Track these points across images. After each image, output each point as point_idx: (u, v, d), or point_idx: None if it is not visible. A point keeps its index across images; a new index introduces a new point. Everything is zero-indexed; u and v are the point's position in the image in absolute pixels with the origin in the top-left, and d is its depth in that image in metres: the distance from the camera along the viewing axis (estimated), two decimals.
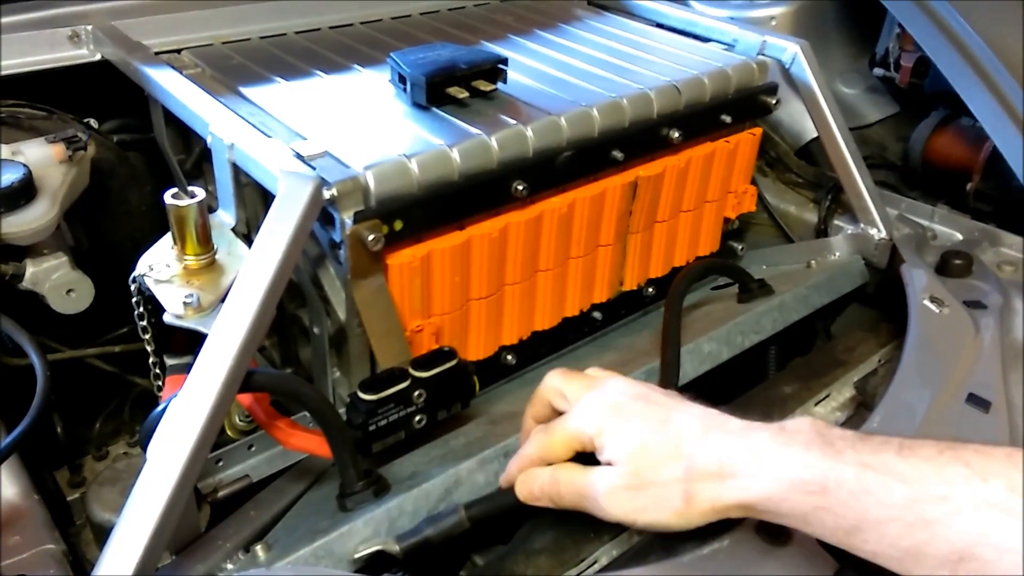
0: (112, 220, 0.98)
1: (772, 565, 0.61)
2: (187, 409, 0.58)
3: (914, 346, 0.82)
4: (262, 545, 0.67)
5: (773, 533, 0.62)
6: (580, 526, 0.69)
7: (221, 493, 0.79)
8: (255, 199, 0.89)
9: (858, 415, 0.82)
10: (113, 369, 0.95)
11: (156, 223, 1.06)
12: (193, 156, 1.03)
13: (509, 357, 0.95)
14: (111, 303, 0.90)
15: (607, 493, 0.63)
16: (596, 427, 0.65)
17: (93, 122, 1.02)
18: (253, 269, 0.64)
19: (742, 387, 0.98)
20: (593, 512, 0.64)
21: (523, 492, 0.68)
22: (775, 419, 0.80)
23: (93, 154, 0.89)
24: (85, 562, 0.74)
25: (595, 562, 0.67)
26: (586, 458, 0.66)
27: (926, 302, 0.88)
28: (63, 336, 0.97)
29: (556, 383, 0.72)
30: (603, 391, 0.68)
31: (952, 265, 0.98)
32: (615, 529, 0.70)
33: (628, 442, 0.63)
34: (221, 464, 0.83)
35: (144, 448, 0.61)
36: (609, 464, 0.64)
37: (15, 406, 0.80)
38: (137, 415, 1.03)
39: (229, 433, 0.84)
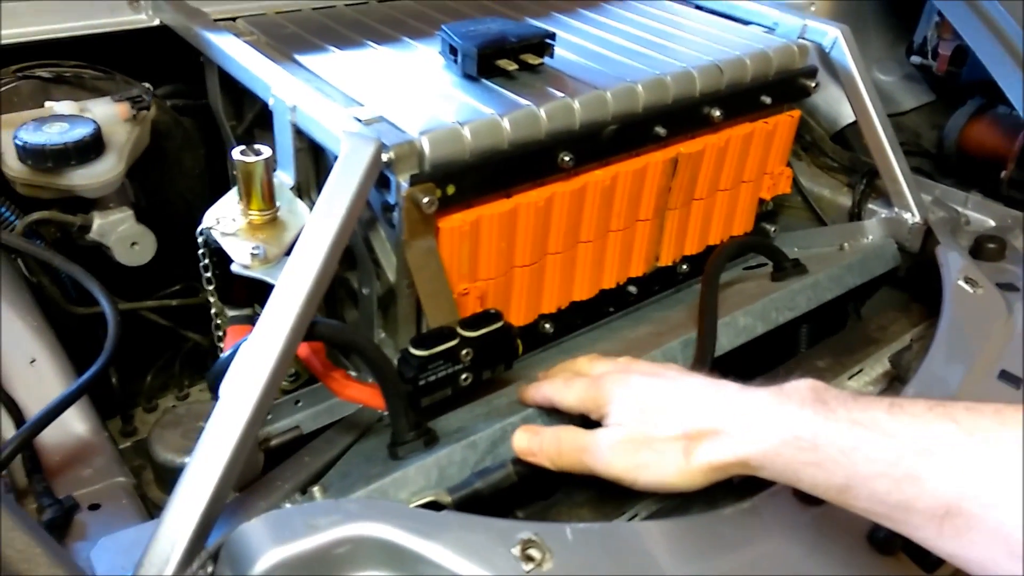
0: (167, 180, 1.01)
1: (808, 521, 0.63)
2: (257, 353, 0.61)
3: (948, 324, 0.84)
4: (319, 487, 0.70)
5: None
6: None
7: (273, 442, 0.83)
8: (306, 163, 0.92)
9: (892, 389, 0.85)
10: (168, 323, 0.98)
11: (206, 186, 1.10)
12: (245, 122, 1.05)
13: (547, 326, 0.98)
14: (164, 260, 0.94)
15: (610, 448, 0.66)
16: (607, 397, 0.69)
17: (148, 87, 1.06)
18: (318, 224, 0.67)
19: (773, 364, 1.01)
20: (593, 469, 0.67)
21: (521, 444, 0.71)
22: None
23: (154, 115, 0.92)
24: (147, 501, 0.78)
25: (635, 515, 0.70)
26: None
27: (960, 282, 0.90)
28: (116, 291, 1.00)
29: (585, 361, 0.77)
30: (622, 371, 0.73)
31: (986, 249, 1.00)
32: None
33: (633, 405, 0.67)
34: (270, 417, 0.86)
35: (213, 390, 0.64)
36: (613, 426, 0.67)
37: (75, 354, 0.84)
38: (187, 370, 1.06)
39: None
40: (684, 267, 1.10)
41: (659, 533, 0.60)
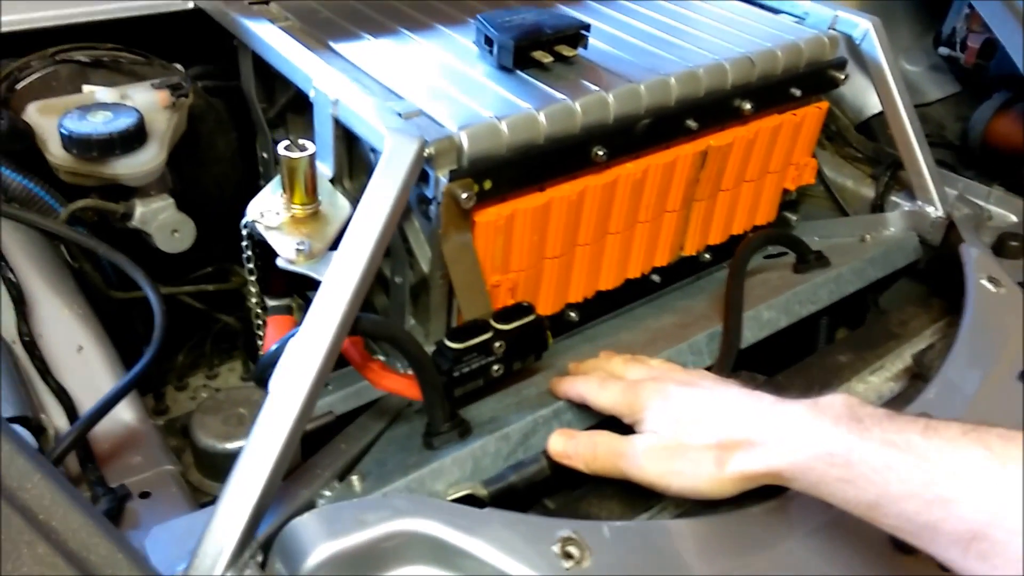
0: (201, 164, 1.02)
1: (837, 517, 0.65)
2: (305, 348, 0.63)
3: (971, 323, 0.86)
4: (357, 475, 0.72)
5: None
6: None
7: (309, 427, 0.85)
8: (341, 152, 0.93)
9: (912, 387, 0.86)
10: (201, 306, 1.00)
11: (239, 169, 1.11)
12: (277, 106, 1.06)
13: (572, 314, 0.99)
14: (198, 243, 0.96)
15: (645, 453, 0.68)
16: (642, 403, 0.71)
17: (180, 68, 1.06)
18: (363, 220, 0.69)
19: (793, 357, 1.02)
20: (627, 474, 0.69)
21: (557, 448, 0.73)
22: (832, 386, 0.85)
23: (190, 101, 0.93)
24: (186, 482, 0.80)
25: (664, 508, 0.72)
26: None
27: (983, 281, 0.91)
28: (151, 273, 1.02)
29: (620, 362, 0.79)
30: (659, 379, 0.74)
31: (1009, 247, 1.01)
32: None
33: (668, 414, 0.69)
34: None
35: (261, 383, 0.66)
36: (648, 433, 0.69)
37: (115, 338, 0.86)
38: (216, 350, 1.09)
39: None
40: (707, 256, 1.11)
41: (691, 532, 0.62)
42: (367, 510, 0.57)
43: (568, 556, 0.57)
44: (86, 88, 0.90)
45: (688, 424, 0.67)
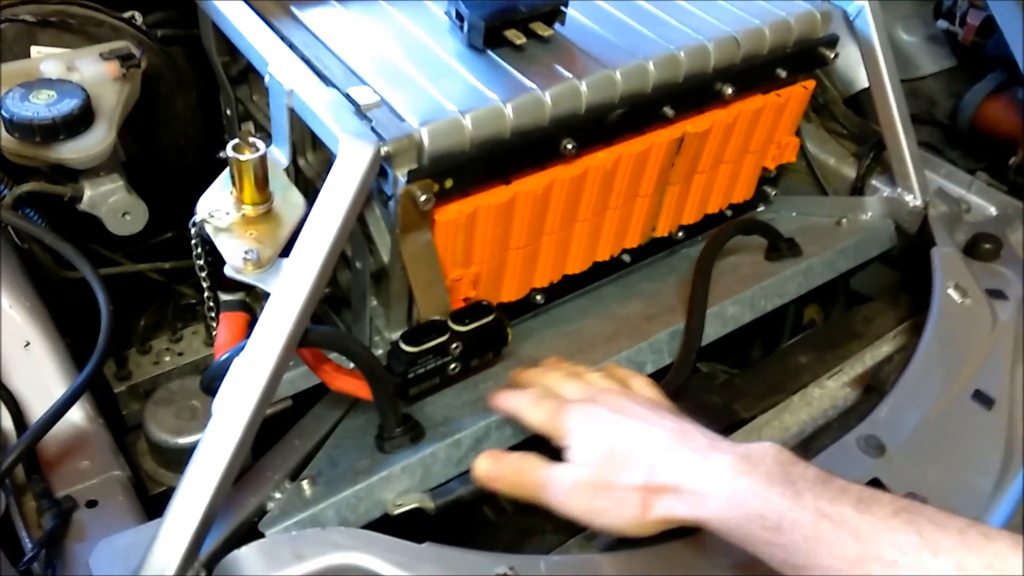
0: (159, 127, 0.99)
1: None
2: (251, 369, 0.63)
3: (931, 337, 0.86)
4: (307, 480, 0.72)
5: None
6: None
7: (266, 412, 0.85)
8: (301, 125, 0.89)
9: (866, 400, 0.87)
10: (160, 278, 0.99)
11: (201, 130, 1.07)
12: (239, 63, 1.01)
13: (538, 297, 0.98)
14: (157, 208, 0.93)
15: (569, 490, 0.67)
16: (569, 429, 0.69)
17: (137, 15, 1.00)
18: (314, 233, 0.67)
19: (756, 337, 1.03)
20: (549, 506, 0.68)
21: (482, 470, 0.71)
22: (789, 389, 0.85)
23: (145, 67, 0.88)
24: (141, 471, 0.81)
25: None
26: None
27: (950, 290, 0.91)
28: (110, 236, 1.00)
29: (558, 377, 0.77)
30: (590, 402, 0.72)
31: (981, 249, 0.99)
32: None
33: (597, 448, 0.67)
34: None
35: (209, 393, 0.66)
36: (574, 464, 0.68)
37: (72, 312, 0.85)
38: (179, 314, 1.07)
39: None
40: (680, 234, 1.10)
41: (629, 564, 0.64)
42: (306, 544, 0.57)
43: None
44: (34, 50, 0.86)
45: (614, 459, 0.66)
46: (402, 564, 0.57)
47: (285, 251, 0.70)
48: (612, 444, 0.67)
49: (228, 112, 1.07)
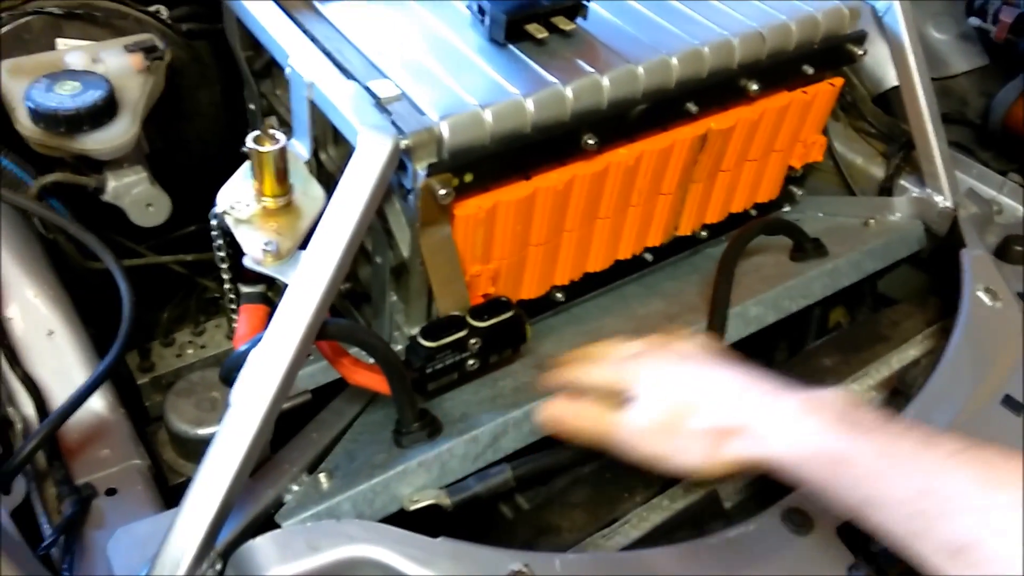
0: (183, 120, 0.99)
1: (793, 552, 0.65)
2: (269, 360, 0.62)
3: (960, 340, 0.84)
4: (324, 473, 0.72)
5: (797, 522, 0.67)
6: (616, 487, 0.75)
7: (284, 406, 0.85)
8: (319, 128, 0.89)
9: (893, 403, 0.85)
10: (183, 271, 0.99)
11: (224, 124, 1.07)
12: (263, 58, 1.02)
13: (559, 295, 0.98)
14: (180, 201, 0.94)
15: (638, 433, 0.68)
16: (636, 379, 0.70)
17: (163, 9, 1.01)
18: (333, 222, 0.67)
19: (781, 339, 1.01)
20: (618, 450, 0.69)
21: (550, 415, 0.74)
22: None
23: (169, 60, 0.89)
24: (161, 462, 0.81)
25: (627, 522, 0.73)
26: None
27: (980, 293, 0.89)
28: (135, 228, 1.00)
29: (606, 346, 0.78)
30: (653, 354, 0.73)
31: (1012, 251, 0.97)
32: (649, 491, 0.75)
33: (666, 392, 0.69)
34: None
35: (227, 383, 0.66)
36: (643, 408, 0.69)
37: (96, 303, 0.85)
38: (203, 307, 1.08)
39: None
40: (703, 233, 1.08)
41: (645, 562, 0.63)
42: (320, 536, 0.57)
43: None
44: (59, 42, 0.87)
45: (684, 403, 0.67)
46: (416, 558, 0.57)
47: (304, 244, 0.70)
48: (681, 388, 0.68)
49: (252, 107, 1.07)
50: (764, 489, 0.75)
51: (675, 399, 0.68)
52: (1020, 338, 0.85)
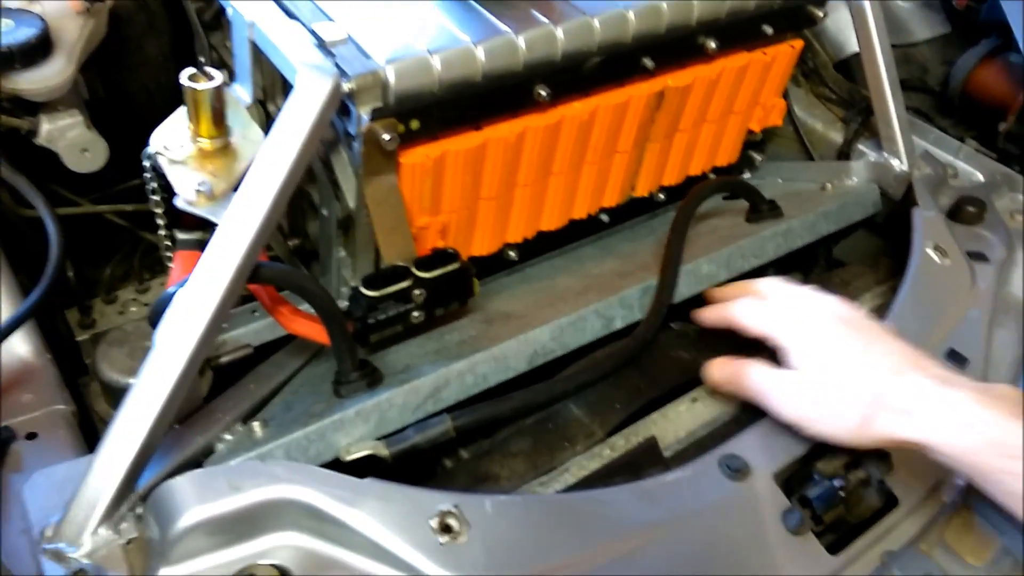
0: (128, 70, 0.97)
1: (728, 496, 0.65)
2: (195, 301, 0.61)
3: (907, 295, 0.84)
4: (259, 421, 0.71)
5: (734, 467, 0.67)
6: (558, 437, 0.74)
7: (224, 359, 0.83)
8: (264, 73, 0.87)
9: None
10: (124, 223, 0.97)
11: (173, 74, 1.04)
12: (212, 8, 0.99)
13: (512, 253, 0.97)
14: (125, 153, 0.91)
15: (791, 397, 0.70)
16: (792, 336, 0.72)
17: None
18: (266, 164, 0.65)
19: None
20: (768, 409, 0.72)
21: (712, 376, 0.79)
22: (762, 346, 0.84)
23: (111, 3, 0.86)
24: (93, 413, 0.79)
25: (566, 471, 0.72)
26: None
27: (929, 250, 0.89)
28: (76, 180, 0.98)
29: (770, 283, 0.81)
30: (813, 308, 0.74)
31: (965, 212, 0.97)
32: (588, 440, 0.75)
33: (823, 358, 0.69)
34: (226, 327, 0.86)
35: (153, 325, 0.64)
36: (797, 370, 0.70)
37: (30, 254, 0.83)
38: (147, 263, 1.06)
39: None
40: (661, 196, 1.07)
41: (576, 504, 0.62)
42: (243, 475, 0.56)
43: (446, 530, 0.57)
44: None
45: (840, 372, 0.68)
46: (342, 498, 0.55)
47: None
48: (839, 356, 0.69)
49: (202, 59, 1.05)
50: (706, 438, 0.75)
51: (831, 365, 0.69)
52: (967, 295, 0.85)
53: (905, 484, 0.71)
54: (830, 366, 0.69)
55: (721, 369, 0.78)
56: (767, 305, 0.76)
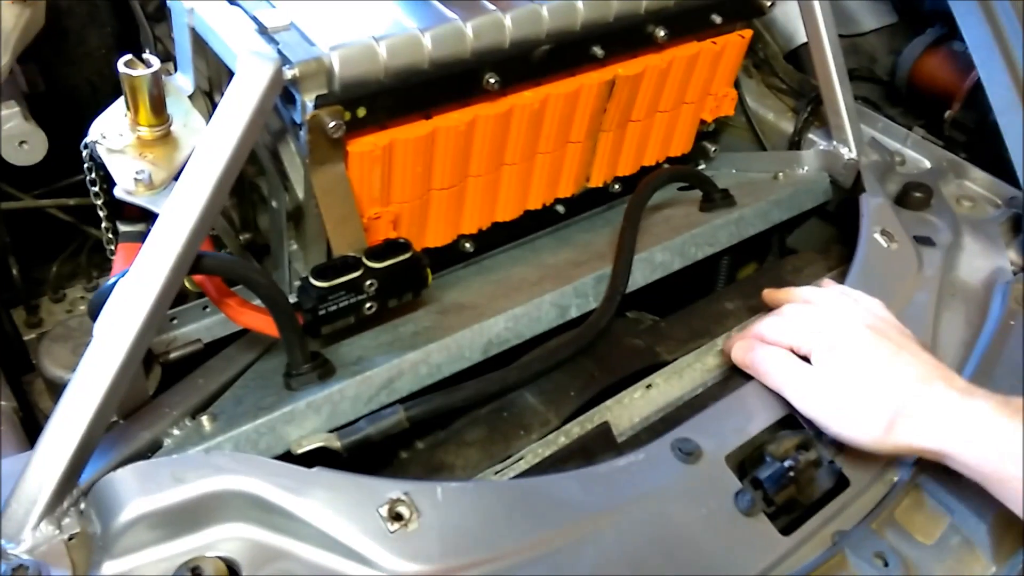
0: (70, 63, 0.94)
1: (681, 479, 0.65)
2: (135, 291, 0.59)
3: (856, 278, 0.85)
4: (208, 416, 0.70)
5: (686, 450, 0.67)
6: (512, 426, 0.73)
7: (173, 355, 0.82)
8: (207, 63, 0.86)
9: None
10: (70, 219, 0.95)
11: (117, 69, 1.02)
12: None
13: (467, 245, 0.96)
14: (68, 148, 0.89)
15: (813, 395, 0.71)
16: (820, 337, 0.72)
17: None
18: (207, 152, 0.63)
19: (692, 294, 1.01)
20: (789, 398, 0.73)
21: (737, 356, 0.78)
22: (714, 333, 0.85)
23: None
24: (37, 411, 0.77)
25: (521, 459, 0.72)
26: None
27: (876, 235, 0.90)
28: (20, 176, 0.95)
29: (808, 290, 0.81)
30: (844, 312, 0.74)
31: (912, 197, 0.99)
32: (543, 428, 0.74)
33: (849, 360, 0.70)
34: (176, 323, 0.85)
35: (93, 318, 0.62)
36: (824, 369, 0.71)
37: None
38: (95, 260, 1.03)
39: (187, 285, 0.85)
40: (616, 187, 1.08)
41: (528, 490, 0.62)
42: (187, 467, 0.54)
43: (397, 518, 0.56)
44: None
45: (866, 376, 0.68)
46: (290, 488, 0.55)
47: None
48: (866, 360, 0.69)
49: (147, 52, 1.03)
50: (659, 423, 0.75)
51: (857, 368, 0.69)
52: (914, 278, 0.86)
53: (855, 465, 0.72)
54: (857, 371, 0.70)
55: (744, 350, 0.78)
56: (787, 319, 0.77)
